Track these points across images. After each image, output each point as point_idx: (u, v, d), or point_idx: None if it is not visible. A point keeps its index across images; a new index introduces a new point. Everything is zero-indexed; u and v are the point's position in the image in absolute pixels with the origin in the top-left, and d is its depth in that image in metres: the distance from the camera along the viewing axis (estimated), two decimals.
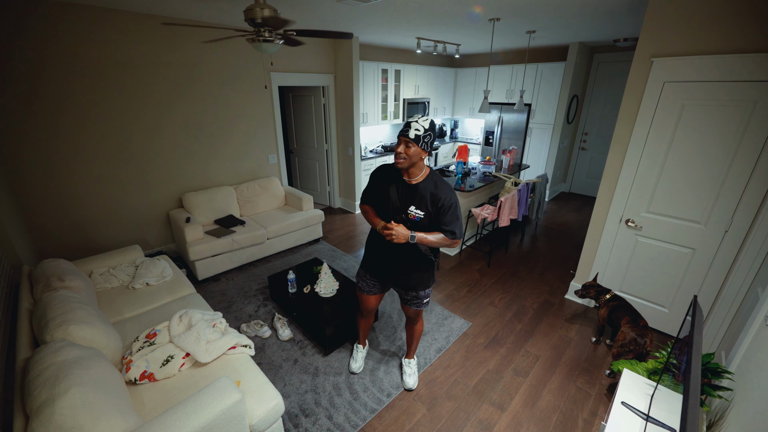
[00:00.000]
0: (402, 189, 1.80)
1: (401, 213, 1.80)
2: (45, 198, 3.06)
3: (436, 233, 1.79)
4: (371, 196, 1.93)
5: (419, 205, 1.77)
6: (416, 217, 1.78)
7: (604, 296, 2.64)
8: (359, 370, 2.43)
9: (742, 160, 2.20)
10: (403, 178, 1.80)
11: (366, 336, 2.48)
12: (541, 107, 5.71)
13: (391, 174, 1.84)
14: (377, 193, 1.88)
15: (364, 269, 2.11)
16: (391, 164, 1.85)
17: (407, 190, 1.79)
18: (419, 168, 1.77)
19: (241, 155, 4.26)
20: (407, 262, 1.92)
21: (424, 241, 1.76)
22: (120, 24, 3.07)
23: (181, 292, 2.68)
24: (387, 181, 1.84)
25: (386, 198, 1.83)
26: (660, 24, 2.31)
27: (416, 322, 2.23)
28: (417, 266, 1.94)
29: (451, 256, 4.15)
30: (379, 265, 2.01)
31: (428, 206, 1.77)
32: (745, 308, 2.05)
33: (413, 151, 1.68)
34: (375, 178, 1.91)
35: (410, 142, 1.67)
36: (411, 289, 2.00)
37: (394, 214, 1.82)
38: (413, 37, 4.41)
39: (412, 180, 1.79)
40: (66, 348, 1.47)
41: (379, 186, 1.87)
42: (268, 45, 2.19)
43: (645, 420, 1.53)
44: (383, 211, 1.87)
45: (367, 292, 2.15)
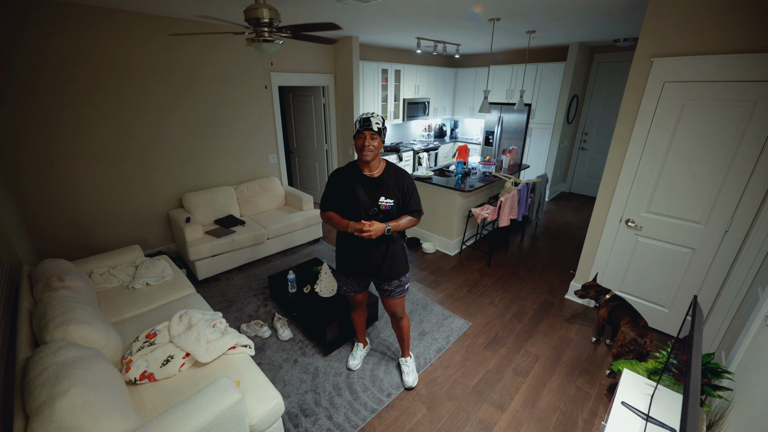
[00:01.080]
0: (367, 183, 1.88)
1: (373, 206, 1.87)
2: (45, 198, 3.06)
3: (404, 217, 1.94)
4: (333, 201, 1.95)
5: (388, 194, 1.88)
6: (387, 206, 1.88)
7: (604, 296, 2.64)
8: (357, 368, 2.43)
9: (742, 160, 2.20)
10: (364, 174, 1.87)
11: (364, 333, 2.50)
12: (541, 107, 5.71)
13: (349, 173, 1.90)
14: (341, 195, 1.91)
15: (344, 274, 2.12)
16: (344, 167, 1.95)
17: (373, 184, 1.88)
18: (378, 160, 1.89)
19: (241, 155, 4.26)
20: (385, 253, 1.98)
21: (397, 228, 1.88)
22: (120, 24, 3.07)
23: (181, 292, 2.68)
24: (348, 181, 1.88)
25: (353, 196, 1.86)
26: (660, 24, 2.31)
27: (402, 317, 2.25)
28: (394, 254, 2.02)
29: (451, 256, 4.15)
30: (358, 264, 2.02)
31: (395, 193, 1.89)
32: (745, 308, 2.05)
33: (377, 143, 1.79)
34: (334, 182, 1.93)
35: (375, 134, 1.78)
36: (394, 277, 2.05)
37: (365, 209, 1.87)
38: (413, 37, 4.41)
39: (374, 173, 1.88)
40: (66, 348, 1.47)
41: (342, 188, 1.90)
42: (268, 45, 2.19)
43: (645, 420, 1.53)
44: (350, 211, 1.89)
45: (354, 292, 2.21)
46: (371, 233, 1.78)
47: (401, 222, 1.91)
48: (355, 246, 1.97)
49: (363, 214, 1.88)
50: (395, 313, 2.21)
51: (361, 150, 1.79)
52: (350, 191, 1.87)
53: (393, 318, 2.26)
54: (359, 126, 1.78)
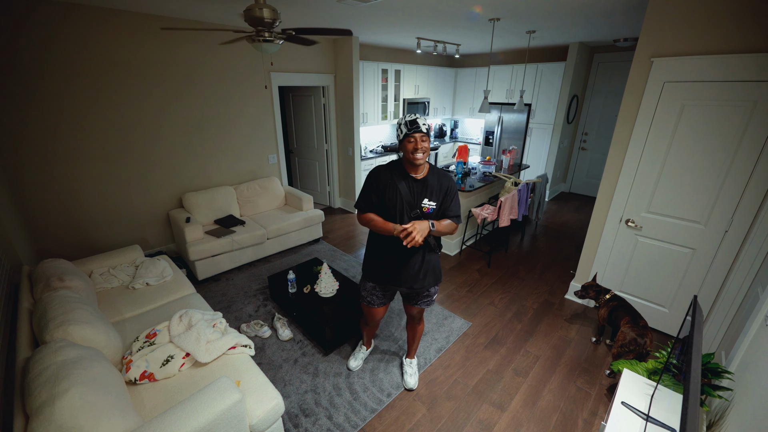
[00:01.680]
0: (412, 185, 1.80)
1: (416, 208, 1.81)
2: (45, 198, 3.06)
3: (444, 220, 1.84)
4: (374, 200, 1.84)
5: (431, 197, 1.82)
6: (429, 209, 1.82)
7: (603, 296, 2.64)
8: (357, 368, 2.43)
9: (742, 160, 2.20)
10: (410, 175, 1.80)
11: (371, 339, 2.50)
12: (541, 107, 5.71)
13: (392, 174, 1.81)
14: (382, 195, 1.81)
15: (374, 282, 2.00)
16: (385, 165, 1.86)
17: (418, 185, 1.81)
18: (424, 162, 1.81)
19: (241, 155, 4.26)
20: (422, 261, 1.90)
21: (439, 228, 1.80)
22: (120, 24, 3.07)
23: (181, 292, 2.68)
24: (392, 182, 1.80)
25: (396, 197, 1.79)
26: (660, 24, 2.31)
27: (420, 321, 2.24)
28: (431, 263, 1.94)
29: (451, 256, 4.15)
30: (394, 273, 1.91)
31: (437, 196, 1.82)
32: (745, 308, 2.05)
33: (427, 144, 1.73)
34: (375, 181, 1.84)
35: (425, 135, 1.71)
36: (424, 288, 1.98)
37: (409, 210, 1.80)
38: (413, 37, 4.41)
39: (419, 175, 1.81)
40: (66, 348, 1.47)
41: (384, 188, 1.81)
42: (268, 45, 2.19)
43: (645, 420, 1.53)
44: (391, 212, 1.81)
45: (377, 305, 2.08)
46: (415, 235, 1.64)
47: (443, 223, 1.81)
48: (393, 252, 1.86)
49: (405, 216, 1.80)
50: (415, 316, 2.19)
51: (413, 153, 1.70)
52: (394, 191, 1.79)
53: (411, 320, 2.24)
54: (407, 129, 1.69)
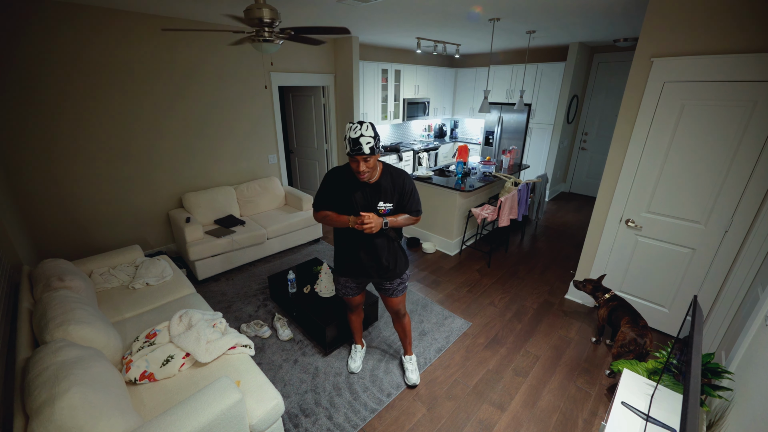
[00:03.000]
0: (365, 189, 1.83)
1: (372, 211, 1.84)
2: (45, 198, 3.06)
3: (402, 214, 1.93)
4: (329, 201, 1.89)
5: (386, 199, 1.86)
6: (386, 210, 1.87)
7: (602, 295, 2.64)
8: (358, 370, 2.43)
9: (742, 160, 2.20)
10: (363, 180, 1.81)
11: (361, 334, 2.50)
12: (541, 107, 5.71)
13: (347, 176, 1.83)
14: (337, 197, 1.85)
15: (344, 275, 2.08)
16: (342, 168, 1.88)
17: (371, 189, 1.84)
18: (376, 167, 1.83)
19: (241, 155, 4.26)
20: (386, 251, 1.97)
21: (395, 223, 1.88)
22: (120, 24, 3.07)
23: (181, 292, 2.68)
24: (346, 185, 1.82)
25: (350, 201, 1.82)
26: (660, 24, 2.31)
27: (404, 315, 2.27)
28: (394, 251, 2.02)
29: (451, 256, 4.15)
30: (360, 265, 1.98)
31: (393, 196, 1.87)
32: (745, 308, 2.05)
33: (372, 162, 1.71)
34: (330, 183, 1.87)
35: (368, 156, 1.66)
36: (396, 276, 2.05)
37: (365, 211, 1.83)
38: (413, 37, 4.41)
39: (372, 180, 1.83)
40: (66, 348, 1.47)
41: (339, 190, 1.85)
42: (268, 45, 2.19)
43: (645, 420, 1.53)
44: (347, 213, 1.85)
45: (353, 294, 2.18)
46: (372, 224, 1.74)
47: (399, 219, 1.90)
48: (356, 246, 1.94)
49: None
50: (398, 311, 2.21)
51: (357, 174, 1.72)
52: (347, 195, 1.83)
53: (396, 316, 2.26)
54: (349, 149, 1.65)
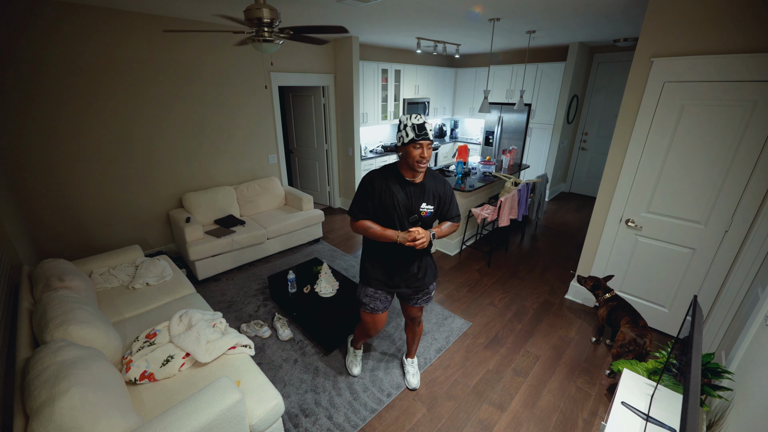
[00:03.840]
0: (410, 190, 1.78)
1: (414, 213, 1.79)
2: (45, 198, 3.06)
3: (444, 223, 1.89)
4: (370, 207, 1.80)
5: (428, 201, 1.81)
6: (428, 213, 1.82)
7: (602, 294, 2.64)
8: (359, 373, 2.41)
9: (742, 160, 2.20)
10: (407, 179, 1.78)
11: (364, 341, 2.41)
12: (541, 107, 5.71)
13: (387, 179, 1.77)
14: (379, 200, 1.77)
15: (376, 286, 1.95)
16: (379, 171, 1.81)
17: (415, 189, 1.79)
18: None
19: (241, 155, 4.26)
20: (421, 260, 1.93)
21: (440, 234, 1.82)
22: (120, 24, 3.07)
23: (181, 292, 2.68)
24: (388, 187, 1.76)
25: (393, 202, 1.75)
26: (660, 24, 2.31)
27: (420, 322, 2.24)
28: (428, 261, 1.98)
29: (451, 256, 4.15)
30: (397, 275, 1.91)
31: (435, 200, 1.83)
32: (745, 308, 2.05)
33: (431, 151, 1.69)
34: (370, 187, 1.78)
35: (431, 143, 1.66)
36: (426, 286, 2.00)
37: (407, 215, 1.79)
38: (413, 37, 4.41)
39: (416, 179, 1.79)
40: (66, 348, 1.47)
41: (381, 193, 1.76)
42: (268, 45, 2.19)
43: (645, 420, 1.53)
44: (389, 218, 1.78)
45: (381, 310, 2.02)
46: (423, 239, 1.68)
47: (443, 228, 1.85)
48: (393, 256, 1.86)
49: (404, 221, 1.78)
50: (416, 318, 2.18)
51: (418, 162, 1.66)
52: (390, 197, 1.74)
53: (412, 323, 2.23)
54: (414, 133, 1.62)
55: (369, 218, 1.82)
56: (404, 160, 1.72)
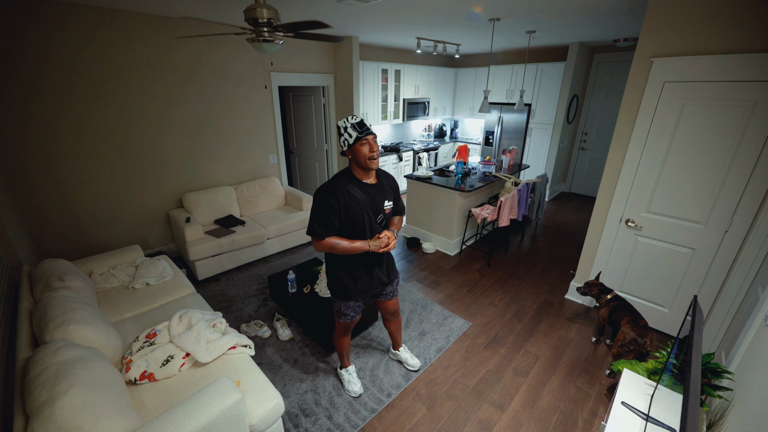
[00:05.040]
0: (371, 191, 1.78)
1: (380, 212, 1.82)
2: (45, 198, 3.06)
3: (394, 218, 1.98)
4: (335, 223, 1.71)
5: (388, 198, 1.87)
6: (390, 210, 1.89)
7: (605, 296, 2.64)
8: (362, 390, 2.27)
9: (742, 160, 2.20)
10: (363, 182, 1.76)
11: (348, 355, 2.32)
12: (541, 107, 5.71)
13: (347, 187, 1.72)
14: (346, 212, 1.70)
15: (357, 299, 1.95)
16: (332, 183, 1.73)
17: (376, 190, 1.81)
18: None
19: (241, 155, 4.26)
20: (386, 258, 2.02)
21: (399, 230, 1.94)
22: (121, 25, 3.07)
23: (181, 292, 2.68)
24: (351, 195, 1.71)
25: (359, 208, 1.72)
26: (660, 24, 2.31)
27: (398, 312, 2.31)
28: (390, 257, 2.08)
29: (451, 256, 4.15)
30: (374, 280, 1.94)
31: (392, 195, 1.89)
32: (745, 308, 2.05)
33: (378, 146, 1.72)
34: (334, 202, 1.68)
35: (376, 137, 1.71)
36: (396, 277, 2.11)
37: (375, 216, 1.79)
38: (413, 37, 4.41)
39: (371, 179, 1.81)
40: (66, 348, 1.47)
41: (346, 204, 1.70)
42: (268, 45, 2.20)
43: (645, 420, 1.53)
44: (358, 227, 1.75)
45: (358, 314, 2.05)
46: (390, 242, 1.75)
47: (396, 224, 1.95)
48: (365, 264, 1.88)
49: (373, 224, 1.78)
50: (395, 311, 2.23)
51: (369, 158, 1.66)
52: (356, 203, 1.71)
53: (392, 317, 2.26)
54: (357, 132, 1.62)
55: (334, 234, 1.74)
56: (356, 162, 1.72)
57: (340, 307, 1.98)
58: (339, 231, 1.76)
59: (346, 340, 2.22)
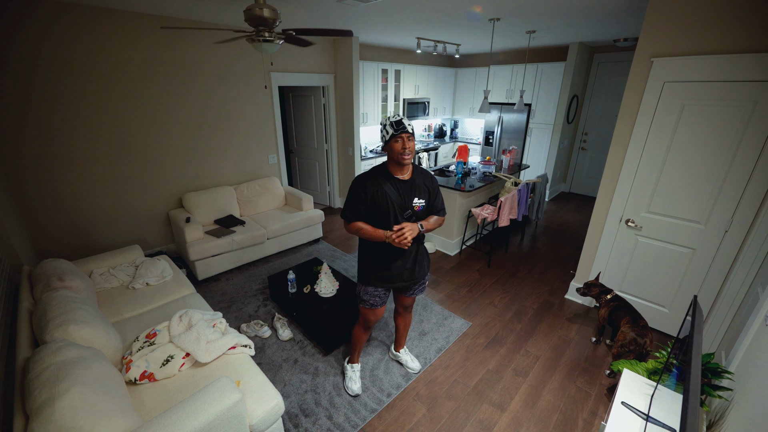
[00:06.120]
0: (401, 186, 1.84)
1: (407, 209, 1.84)
2: (45, 198, 3.06)
3: (431, 217, 1.96)
4: (362, 210, 1.84)
5: (420, 195, 1.87)
6: (420, 207, 1.88)
7: (605, 296, 2.64)
8: (361, 391, 2.27)
9: (742, 160, 2.20)
10: (395, 177, 1.83)
11: (360, 352, 2.37)
12: (541, 107, 5.71)
13: (377, 179, 1.83)
14: (372, 202, 1.81)
15: (377, 285, 1.99)
16: (368, 173, 1.86)
17: (406, 186, 1.85)
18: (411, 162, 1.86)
19: (241, 155, 4.26)
20: (417, 252, 1.99)
21: (428, 227, 1.89)
22: (119, 24, 3.07)
23: (181, 292, 2.68)
24: (380, 187, 1.81)
25: (385, 201, 1.80)
26: (660, 24, 2.31)
27: (411, 309, 2.31)
28: (423, 252, 2.04)
29: (451, 256, 4.15)
30: (396, 272, 1.96)
31: (425, 194, 1.90)
32: (745, 308, 2.05)
33: (413, 145, 1.78)
34: (362, 191, 1.82)
35: (411, 135, 1.75)
36: (421, 277, 2.07)
37: (401, 212, 1.83)
38: (413, 37, 4.41)
39: (405, 175, 1.85)
40: (66, 348, 1.47)
41: (373, 195, 1.81)
42: (268, 45, 2.20)
43: (645, 420, 1.53)
44: (383, 218, 1.82)
45: (380, 305, 2.07)
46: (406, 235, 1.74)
47: (431, 221, 1.93)
48: (389, 254, 1.91)
49: (399, 217, 1.82)
50: (409, 306, 2.27)
51: (401, 154, 1.73)
52: (383, 196, 1.80)
53: (405, 311, 2.29)
54: (393, 129, 1.72)
55: (361, 220, 1.87)
56: (390, 157, 1.81)
57: (359, 291, 2.06)
58: (367, 219, 1.86)
59: (363, 336, 2.26)
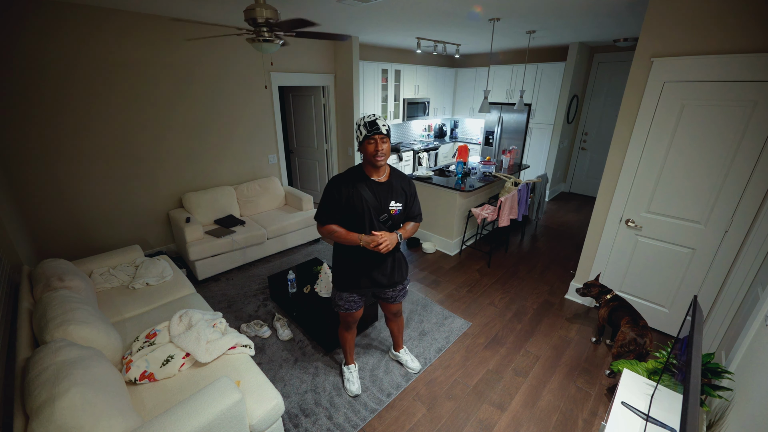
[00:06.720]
0: (377, 189, 1.79)
1: (384, 212, 1.80)
2: (45, 198, 3.06)
3: (408, 223, 1.94)
4: (336, 212, 1.79)
5: (397, 199, 1.83)
6: (397, 211, 1.84)
7: (605, 296, 2.64)
8: (360, 391, 2.27)
9: (742, 160, 2.20)
10: (371, 179, 1.79)
11: (353, 352, 2.34)
12: (541, 107, 5.71)
13: (353, 181, 1.77)
14: (347, 204, 1.76)
15: (350, 290, 1.97)
16: (343, 174, 1.82)
17: (382, 188, 1.81)
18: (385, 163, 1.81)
19: (241, 155, 4.26)
20: (392, 260, 1.96)
21: (406, 235, 1.87)
22: (120, 24, 3.07)
23: (181, 292, 2.68)
24: (355, 189, 1.76)
25: (361, 204, 1.75)
26: (660, 24, 2.31)
27: (401, 314, 2.29)
28: (399, 260, 2.00)
29: (451, 256, 4.15)
30: (368, 278, 1.92)
31: (402, 197, 1.86)
32: (745, 308, 2.05)
33: (387, 146, 1.72)
34: (336, 193, 1.77)
35: (385, 137, 1.70)
36: (400, 282, 2.05)
37: (377, 215, 1.79)
38: (413, 37, 4.41)
39: (382, 177, 1.81)
40: (66, 348, 1.47)
41: (347, 196, 1.76)
42: (268, 45, 2.20)
43: (645, 420, 1.53)
44: (357, 220, 1.78)
45: (356, 308, 2.06)
46: (387, 243, 1.71)
47: (408, 228, 1.91)
48: (363, 258, 1.87)
49: (374, 221, 1.78)
50: (397, 312, 2.23)
51: (374, 156, 1.69)
52: (358, 198, 1.75)
53: (394, 317, 2.27)
54: (366, 130, 1.66)
55: (335, 222, 1.82)
56: (365, 158, 1.76)
57: (335, 296, 2.05)
58: (342, 222, 1.81)
59: (348, 336, 2.23)
